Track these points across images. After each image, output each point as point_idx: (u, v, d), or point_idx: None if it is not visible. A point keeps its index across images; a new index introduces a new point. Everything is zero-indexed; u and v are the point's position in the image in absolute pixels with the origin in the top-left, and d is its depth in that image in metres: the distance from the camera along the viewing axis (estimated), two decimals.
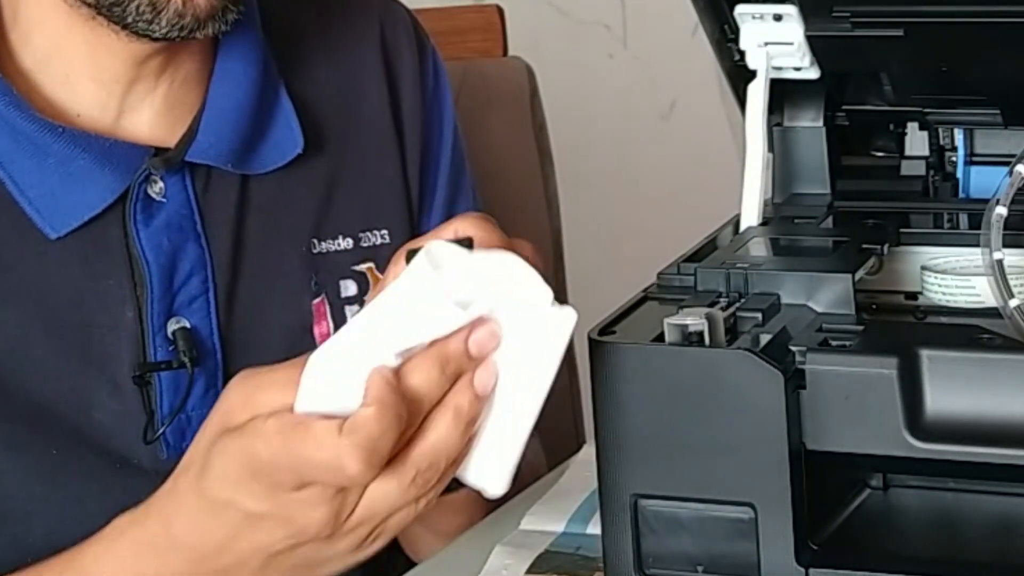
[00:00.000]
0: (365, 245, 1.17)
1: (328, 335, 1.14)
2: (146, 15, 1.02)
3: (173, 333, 1.08)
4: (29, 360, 1.05)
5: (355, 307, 1.16)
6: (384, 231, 1.18)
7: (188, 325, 1.08)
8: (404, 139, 1.21)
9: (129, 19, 1.03)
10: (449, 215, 1.22)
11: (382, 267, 1.17)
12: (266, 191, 1.13)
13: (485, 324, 0.84)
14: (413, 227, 1.21)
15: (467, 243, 0.88)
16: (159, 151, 1.08)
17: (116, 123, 1.09)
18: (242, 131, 1.11)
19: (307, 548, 0.88)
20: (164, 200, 1.08)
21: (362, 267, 1.17)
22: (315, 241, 1.15)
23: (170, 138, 1.09)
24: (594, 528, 1.09)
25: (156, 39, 1.04)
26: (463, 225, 0.90)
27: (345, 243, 1.17)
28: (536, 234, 1.63)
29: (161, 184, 1.08)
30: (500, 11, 1.66)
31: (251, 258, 1.12)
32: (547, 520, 1.14)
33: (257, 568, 0.89)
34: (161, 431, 1.07)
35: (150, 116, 1.09)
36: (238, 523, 0.87)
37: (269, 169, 1.13)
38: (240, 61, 1.12)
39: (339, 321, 1.15)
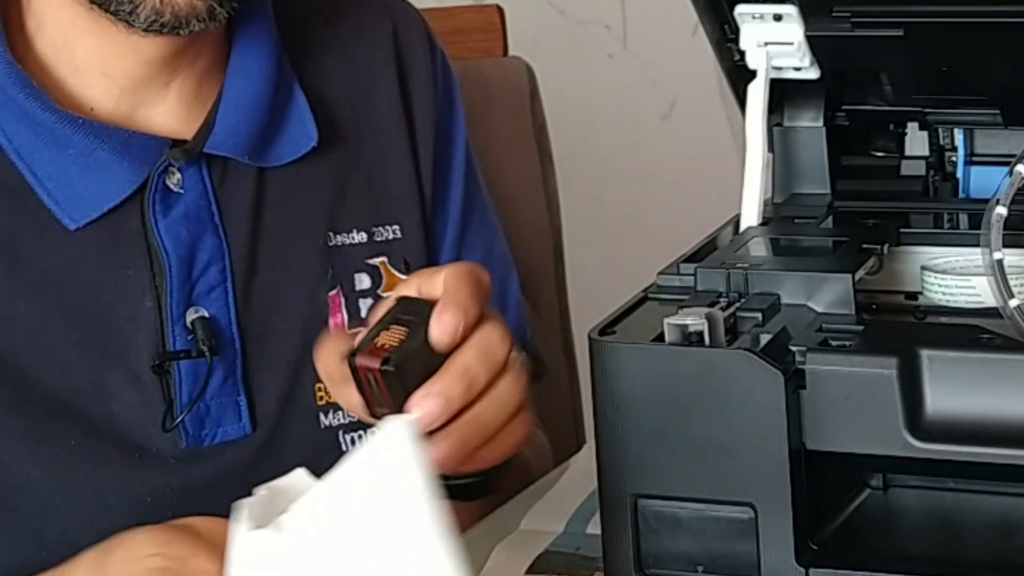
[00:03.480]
0: (378, 240, 1.18)
1: (342, 326, 1.15)
2: (125, 6, 1.03)
3: (192, 322, 1.09)
4: (48, 353, 1.06)
5: (369, 300, 1.17)
6: (396, 226, 1.19)
7: (207, 315, 1.09)
8: (416, 137, 1.22)
9: (112, 7, 1.04)
10: (467, 213, 1.24)
11: (394, 262, 1.18)
12: (282, 184, 1.14)
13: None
14: (426, 224, 1.22)
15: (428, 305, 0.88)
16: (176, 143, 1.09)
17: (130, 118, 1.09)
18: (258, 123, 1.12)
19: None
20: (182, 191, 1.09)
21: (375, 261, 1.18)
22: (331, 234, 1.16)
23: (186, 131, 1.11)
24: (594, 528, 1.09)
25: (150, 31, 1.04)
26: (451, 278, 0.89)
27: (359, 237, 1.18)
28: (536, 234, 1.63)
29: (179, 175, 1.09)
30: (500, 11, 1.66)
31: (268, 249, 1.13)
32: (547, 520, 1.14)
33: None
34: (180, 418, 1.07)
35: (164, 111, 1.11)
36: None
37: (284, 162, 1.14)
38: (255, 55, 1.13)
39: (353, 313, 1.16)
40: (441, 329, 0.86)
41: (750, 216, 1.09)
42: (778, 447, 0.89)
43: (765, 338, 0.92)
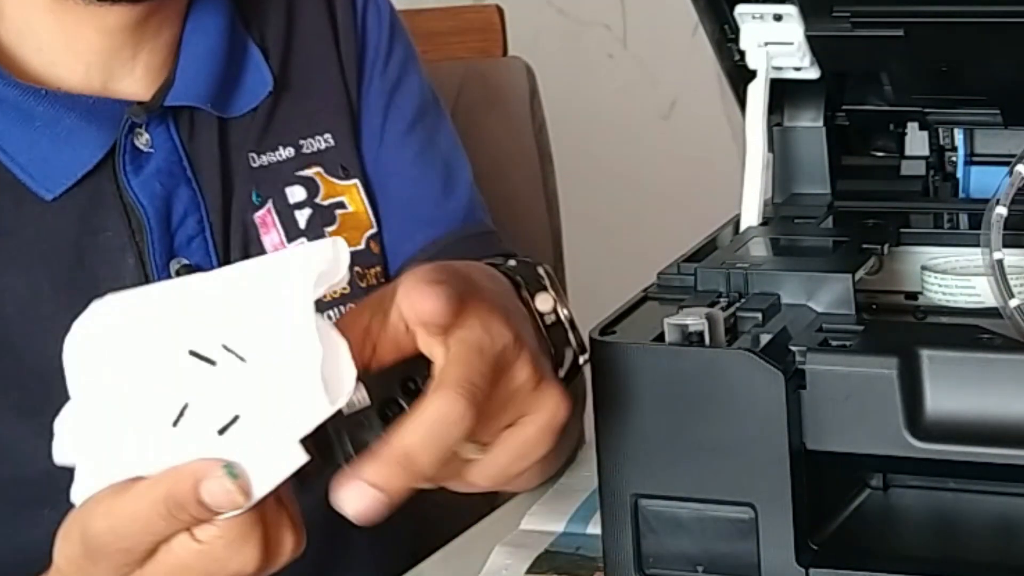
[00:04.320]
0: (307, 152, 1.20)
1: (282, 244, 1.17)
2: None
3: (177, 272, 1.11)
4: (38, 322, 1.07)
5: (305, 210, 1.19)
6: (327, 135, 1.21)
7: (190, 264, 1.11)
8: (340, 46, 1.24)
9: None
10: (386, 113, 1.25)
11: (330, 170, 1.21)
12: (243, 130, 1.16)
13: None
14: (356, 132, 1.23)
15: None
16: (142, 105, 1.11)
17: (99, 93, 1.11)
18: (216, 73, 1.15)
19: None
20: (151, 150, 1.12)
21: (308, 172, 1.20)
22: (253, 156, 1.18)
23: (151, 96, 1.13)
24: (594, 528, 1.09)
25: (105, 0, 1.06)
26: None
27: (287, 152, 1.19)
28: (536, 234, 1.63)
29: (147, 136, 1.12)
30: (500, 11, 1.66)
31: (239, 194, 1.15)
32: (547, 520, 1.14)
33: None
34: None
35: (131, 83, 1.13)
36: None
37: (244, 111, 1.16)
38: (210, 15, 1.17)
39: (288, 227, 1.18)
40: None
41: (750, 216, 1.09)
42: (778, 447, 0.89)
43: (765, 338, 0.92)
